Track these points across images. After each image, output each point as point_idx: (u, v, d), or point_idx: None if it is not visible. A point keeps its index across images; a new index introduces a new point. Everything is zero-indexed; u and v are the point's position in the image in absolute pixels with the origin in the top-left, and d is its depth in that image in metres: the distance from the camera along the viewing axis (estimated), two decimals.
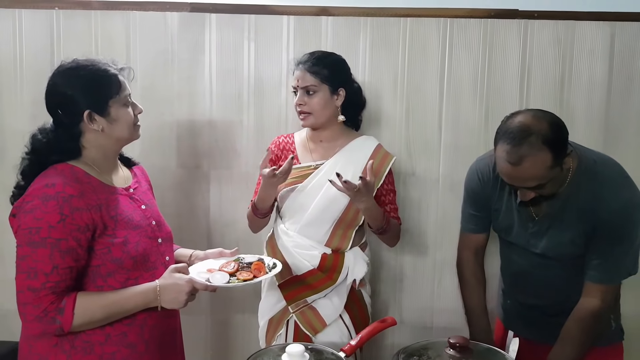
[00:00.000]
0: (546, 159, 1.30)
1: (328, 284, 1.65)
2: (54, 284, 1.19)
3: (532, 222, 1.49)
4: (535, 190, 1.37)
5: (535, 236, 1.50)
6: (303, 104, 1.65)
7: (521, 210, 1.50)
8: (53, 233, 1.19)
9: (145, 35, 2.04)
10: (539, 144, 1.29)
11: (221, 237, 2.11)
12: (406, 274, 2.09)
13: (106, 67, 1.33)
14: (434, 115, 2.01)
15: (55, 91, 1.31)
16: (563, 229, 1.45)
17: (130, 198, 1.39)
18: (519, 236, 1.53)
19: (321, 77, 1.64)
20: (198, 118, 2.07)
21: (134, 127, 1.38)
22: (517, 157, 1.31)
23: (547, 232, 1.48)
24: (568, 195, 1.43)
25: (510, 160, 1.32)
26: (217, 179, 2.09)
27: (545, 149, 1.30)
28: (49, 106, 1.33)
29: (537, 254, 1.51)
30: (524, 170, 1.32)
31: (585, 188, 1.42)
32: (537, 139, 1.30)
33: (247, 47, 2.03)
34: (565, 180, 1.42)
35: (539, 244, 1.49)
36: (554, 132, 1.33)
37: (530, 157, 1.30)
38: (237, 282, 1.36)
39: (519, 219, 1.52)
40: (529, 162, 1.30)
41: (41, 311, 1.18)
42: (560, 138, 1.35)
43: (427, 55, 1.99)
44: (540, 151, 1.30)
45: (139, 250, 1.32)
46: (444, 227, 2.05)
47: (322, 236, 1.66)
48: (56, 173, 1.27)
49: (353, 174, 1.65)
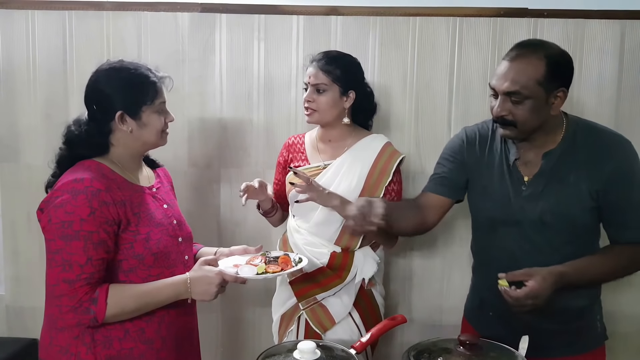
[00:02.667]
0: (539, 70, 1.33)
1: (337, 282, 1.66)
2: (89, 275, 1.23)
3: (525, 185, 1.44)
4: (512, 98, 1.34)
5: (530, 199, 1.42)
6: (311, 101, 1.66)
7: (512, 173, 1.45)
8: (85, 226, 1.22)
9: (156, 36, 2.05)
10: (540, 55, 1.34)
11: (231, 235, 2.12)
12: (416, 272, 2.10)
13: (147, 73, 1.36)
14: (443, 114, 2.02)
15: (94, 87, 1.35)
16: (562, 187, 1.40)
17: (153, 197, 1.42)
18: (514, 204, 1.44)
19: (333, 76, 1.65)
20: (209, 117, 2.08)
21: (162, 134, 1.41)
22: (514, 55, 1.36)
23: (543, 192, 1.41)
24: (562, 152, 1.41)
25: (508, 56, 1.38)
26: (227, 177, 2.11)
27: (544, 62, 1.33)
28: (86, 99, 1.37)
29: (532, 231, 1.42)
30: (513, 69, 1.35)
31: (582, 143, 1.41)
32: (542, 50, 1.35)
33: (257, 47, 2.04)
34: (558, 137, 1.42)
35: (536, 207, 1.41)
36: (560, 57, 1.37)
37: (525, 58, 1.35)
38: (267, 274, 1.39)
39: (510, 183, 1.45)
40: (522, 63, 1.34)
41: (76, 302, 1.22)
42: (563, 65, 1.37)
43: (437, 54, 2.00)
44: (538, 60, 1.33)
45: (160, 247, 1.35)
46: (453, 225, 2.05)
47: (331, 235, 1.68)
48: (83, 169, 1.31)
49: (360, 173, 1.66)
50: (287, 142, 1.83)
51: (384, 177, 1.68)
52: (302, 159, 1.76)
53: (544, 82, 1.34)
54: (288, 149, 1.80)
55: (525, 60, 1.35)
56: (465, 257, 2.05)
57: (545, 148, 1.43)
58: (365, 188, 1.66)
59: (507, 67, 1.37)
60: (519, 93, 1.34)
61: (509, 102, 1.37)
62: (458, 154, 1.57)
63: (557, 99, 1.37)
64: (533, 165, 1.44)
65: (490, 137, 1.54)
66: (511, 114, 1.37)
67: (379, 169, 1.69)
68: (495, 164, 1.49)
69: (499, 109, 1.38)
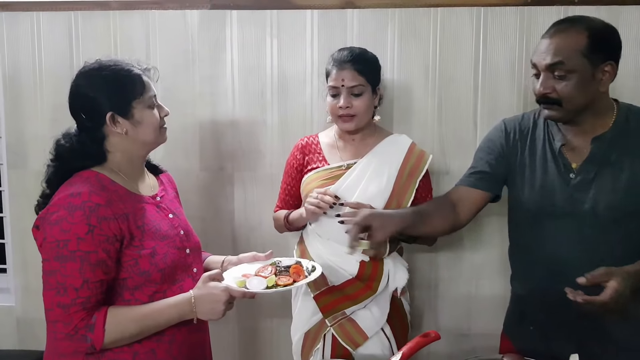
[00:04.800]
0: (581, 41, 1.25)
1: (368, 293, 1.55)
2: (85, 299, 1.14)
3: (573, 173, 1.33)
4: (555, 73, 1.26)
5: (580, 188, 1.31)
6: (350, 106, 1.55)
7: (558, 160, 1.34)
8: (82, 245, 1.13)
9: (165, 35, 1.98)
10: (581, 28, 1.27)
11: (247, 240, 2.04)
12: (441, 278, 1.99)
13: (129, 67, 1.27)
14: (468, 110, 1.91)
15: (77, 93, 1.26)
16: (616, 174, 1.29)
17: (157, 207, 1.33)
18: (561, 194, 1.32)
19: (366, 76, 1.56)
20: (221, 118, 2.00)
21: (160, 130, 1.32)
22: (554, 30, 1.29)
23: (594, 179, 1.30)
24: (614, 136, 1.32)
25: (547, 34, 1.30)
26: (241, 180, 2.02)
27: (585, 34, 1.25)
28: (72, 109, 1.28)
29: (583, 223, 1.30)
30: (554, 43, 1.27)
31: (637, 128, 1.32)
32: (582, 23, 1.28)
33: (270, 44, 1.95)
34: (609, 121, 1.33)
35: (586, 197, 1.30)
36: (604, 29, 1.29)
37: (566, 32, 1.27)
38: (278, 288, 1.29)
39: (557, 171, 1.34)
40: (562, 36, 1.27)
41: (71, 329, 1.13)
42: (607, 37, 1.29)
43: (460, 47, 1.89)
44: (579, 32, 1.26)
45: (167, 262, 1.26)
46: (481, 227, 1.94)
47: None
48: (81, 181, 1.21)
49: (389, 173, 1.56)
50: (299, 143, 1.73)
51: (414, 178, 1.59)
52: (320, 160, 1.66)
53: (587, 54, 1.25)
54: (302, 151, 1.70)
55: (566, 33, 1.27)
56: (495, 261, 1.94)
57: (594, 132, 1.32)
58: (395, 190, 1.56)
59: (548, 42, 1.29)
60: (562, 64, 1.25)
61: (552, 78, 1.28)
62: (498, 146, 1.46)
63: (605, 74, 1.28)
64: (581, 151, 1.33)
65: (532, 125, 1.43)
66: (555, 91, 1.28)
67: (408, 170, 1.59)
68: (538, 151, 1.39)
69: (542, 87, 1.29)
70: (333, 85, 1.57)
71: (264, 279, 1.30)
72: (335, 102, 1.57)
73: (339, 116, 1.58)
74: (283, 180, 1.76)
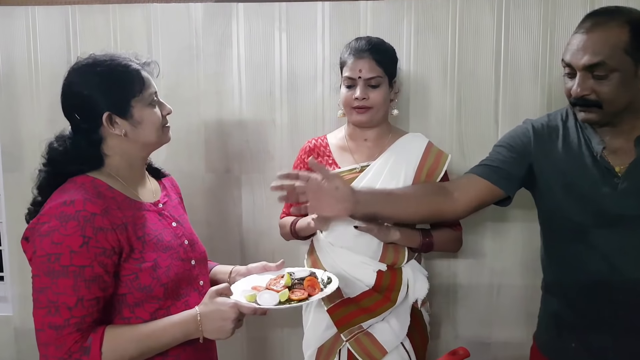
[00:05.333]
0: (621, 37, 1.14)
1: (387, 305, 1.45)
2: (79, 319, 1.03)
3: (618, 178, 1.22)
4: (594, 72, 1.15)
5: (628, 194, 1.20)
6: (366, 98, 1.45)
7: (599, 164, 1.23)
8: (75, 259, 1.03)
9: (168, 30, 1.88)
10: (621, 22, 1.16)
11: (255, 247, 1.94)
12: (461, 284, 1.89)
13: (127, 62, 1.16)
14: (489, 107, 1.80)
15: (70, 92, 1.15)
16: None
17: (160, 214, 1.22)
18: (607, 201, 1.22)
19: (385, 67, 1.46)
20: (227, 118, 1.90)
21: (163, 130, 1.21)
22: (590, 24, 1.18)
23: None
24: None
25: (582, 28, 1.19)
26: (249, 183, 1.92)
27: (627, 29, 1.14)
28: (65, 110, 1.17)
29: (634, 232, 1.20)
30: (592, 40, 1.15)
31: None
32: (622, 16, 1.17)
33: (279, 38, 1.85)
34: None
35: (637, 203, 1.19)
36: None
37: (604, 26, 1.15)
38: (292, 303, 1.18)
39: (600, 176, 1.23)
40: (601, 32, 1.16)
41: (64, 352, 1.02)
42: None
43: (481, 39, 1.78)
44: (619, 27, 1.15)
45: (170, 275, 1.15)
46: (502, 232, 1.84)
47: (374, 250, 1.46)
48: (75, 187, 1.11)
49: (405, 175, 1.46)
50: (306, 146, 1.62)
51: (432, 179, 1.49)
52: (329, 163, 1.55)
53: (630, 51, 1.14)
54: (310, 154, 1.59)
55: (605, 28, 1.16)
56: (517, 266, 1.84)
57: (635, 132, 1.22)
58: None
59: (584, 39, 1.17)
60: (603, 64, 1.14)
61: (591, 78, 1.17)
62: (520, 145, 1.34)
63: None
64: (624, 154, 1.23)
65: (563, 127, 1.32)
66: (594, 92, 1.17)
67: (426, 171, 1.49)
68: (575, 156, 1.27)
69: (580, 88, 1.18)
70: (349, 75, 1.47)
71: (276, 293, 1.20)
72: (350, 93, 1.47)
73: (353, 107, 1.47)
74: None
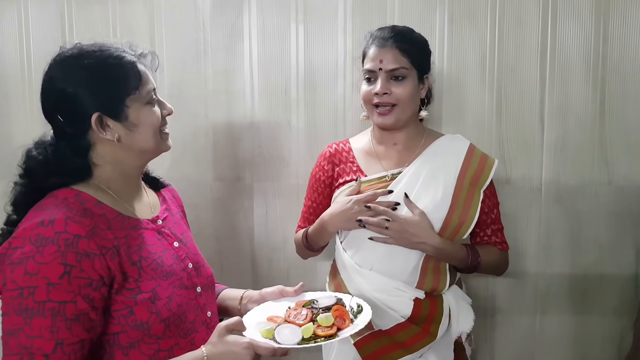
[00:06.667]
0: None
1: (426, 340, 1.24)
2: None
3: None
4: None
5: None
6: (389, 93, 1.26)
7: None
8: (54, 294, 0.84)
9: (172, 22, 1.71)
10: None
11: (269, 263, 1.75)
12: (500, 307, 1.67)
13: (120, 54, 0.98)
14: (533, 106, 1.59)
15: (51, 89, 0.97)
16: None
17: (159, 232, 1.04)
18: None
19: (412, 58, 1.26)
20: (237, 120, 1.72)
21: (161, 136, 1.03)
22: None
23: None
24: None
25: None
26: (261, 192, 1.73)
27: None
28: (45, 111, 0.99)
29: None
30: None
31: None
32: None
33: (295, 31, 1.66)
34: None
35: None
36: None
37: None
38: (318, 341, 0.98)
39: None
40: None
41: None
42: None
43: (524, 31, 1.57)
44: None
45: (172, 307, 0.96)
46: (548, 247, 1.62)
47: (409, 274, 1.26)
48: (55, 204, 0.92)
49: (445, 183, 1.26)
50: (326, 151, 1.43)
51: (477, 187, 1.28)
52: (354, 171, 1.36)
53: None
54: (331, 161, 1.40)
55: None
56: (565, 286, 1.62)
57: None
58: (455, 203, 1.26)
59: None
60: None
61: None
62: None
63: None
64: None
65: None
66: None
67: (470, 177, 1.29)
68: None
69: None
70: (369, 67, 1.28)
71: (298, 327, 1.00)
72: (370, 87, 1.28)
73: (374, 105, 1.28)
74: (307, 196, 1.46)
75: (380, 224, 1.21)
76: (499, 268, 1.38)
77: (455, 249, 1.25)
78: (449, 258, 1.25)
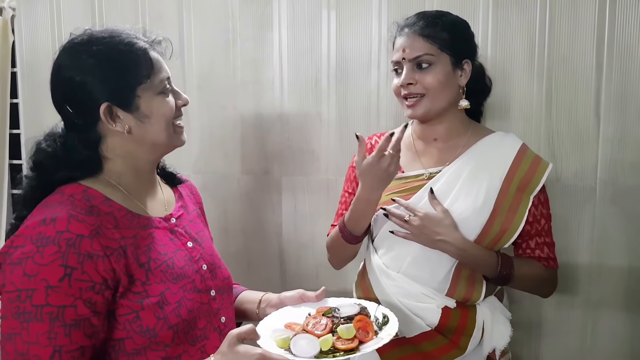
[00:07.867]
0: None
1: (454, 353, 1.14)
2: None
3: None
4: None
5: None
6: (413, 83, 1.15)
7: None
8: (53, 298, 0.79)
9: (201, 12, 1.67)
10: None
11: (296, 260, 1.68)
12: (547, 318, 1.54)
13: (131, 40, 0.92)
14: (588, 98, 1.44)
15: (60, 78, 0.92)
16: None
17: (171, 232, 0.98)
18: None
19: (440, 43, 1.15)
20: (267, 112, 1.66)
21: (175, 129, 0.97)
22: None
23: None
24: None
25: None
26: (290, 187, 1.67)
27: None
28: (55, 100, 0.95)
29: None
30: None
31: None
32: None
33: (327, 19, 1.59)
34: None
35: None
36: None
37: None
38: (337, 356, 0.89)
39: None
40: None
41: None
42: None
43: (579, 14, 1.42)
44: None
45: (182, 313, 0.90)
46: (602, 253, 1.47)
47: (440, 280, 1.15)
48: (60, 201, 0.88)
49: (488, 186, 1.14)
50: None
51: (526, 193, 1.16)
52: None
53: None
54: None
55: None
56: (620, 297, 1.47)
57: None
58: (498, 208, 1.14)
59: None
60: None
61: None
62: None
63: None
64: None
65: None
66: None
67: (518, 181, 1.16)
68: None
69: None
70: (394, 59, 1.19)
71: (317, 338, 0.91)
72: (398, 80, 1.18)
73: (403, 97, 1.18)
74: (344, 190, 1.37)
75: (401, 216, 1.13)
76: (542, 288, 1.24)
77: (481, 253, 1.13)
78: (473, 262, 1.13)
